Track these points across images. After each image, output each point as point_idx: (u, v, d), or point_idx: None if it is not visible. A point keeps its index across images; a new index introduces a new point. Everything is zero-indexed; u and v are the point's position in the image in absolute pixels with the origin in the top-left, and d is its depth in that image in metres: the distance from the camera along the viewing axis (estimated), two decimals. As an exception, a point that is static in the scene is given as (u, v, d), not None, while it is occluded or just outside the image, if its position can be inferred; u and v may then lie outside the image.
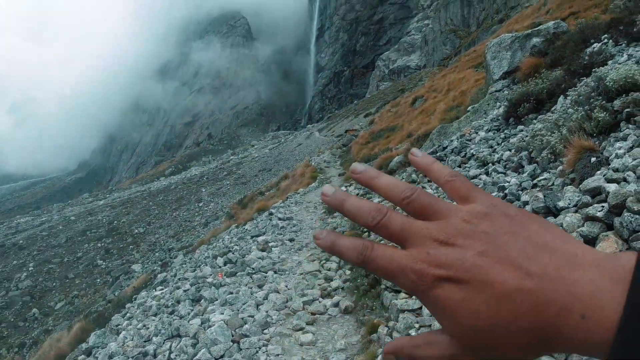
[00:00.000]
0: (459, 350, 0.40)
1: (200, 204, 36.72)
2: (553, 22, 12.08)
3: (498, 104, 10.44)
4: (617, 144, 4.29)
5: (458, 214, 0.41)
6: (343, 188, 14.31)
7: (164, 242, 30.20)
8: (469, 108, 12.80)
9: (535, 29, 12.10)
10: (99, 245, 32.07)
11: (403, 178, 9.76)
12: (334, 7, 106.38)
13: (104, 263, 28.88)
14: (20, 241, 34.44)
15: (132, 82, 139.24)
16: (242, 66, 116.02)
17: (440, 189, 0.48)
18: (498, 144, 7.97)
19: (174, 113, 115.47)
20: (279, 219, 12.79)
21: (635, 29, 7.95)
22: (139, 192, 48.82)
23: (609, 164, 4.01)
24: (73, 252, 31.20)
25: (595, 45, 8.51)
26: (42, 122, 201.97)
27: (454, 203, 0.44)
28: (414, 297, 0.48)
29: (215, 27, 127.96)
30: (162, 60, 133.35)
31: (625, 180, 3.55)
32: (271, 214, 13.89)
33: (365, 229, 8.45)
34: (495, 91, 11.58)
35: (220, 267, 9.25)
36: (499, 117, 9.11)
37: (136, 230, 33.76)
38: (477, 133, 9.21)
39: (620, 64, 6.60)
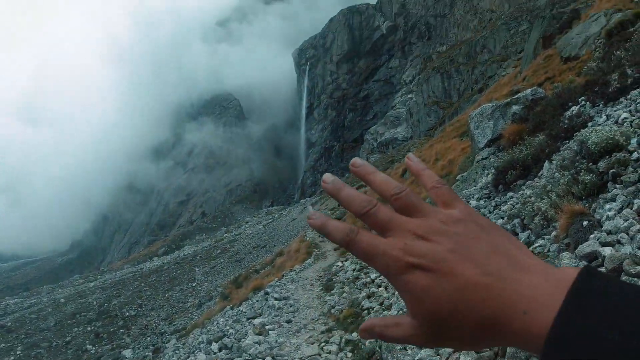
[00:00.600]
0: (420, 332, 0.47)
1: (194, 284, 35.78)
2: (530, 89, 12.69)
3: (486, 171, 10.66)
4: (607, 206, 4.35)
5: (437, 215, 0.49)
6: (339, 263, 14.15)
7: (156, 326, 29.03)
8: (458, 177, 13.04)
9: (514, 97, 12.68)
10: (89, 329, 30.83)
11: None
12: (322, 86, 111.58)
13: (94, 348, 27.59)
14: (9, 323, 33.16)
15: (125, 163, 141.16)
16: (235, 145, 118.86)
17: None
18: (490, 212, 8.03)
19: (167, 192, 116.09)
20: (275, 299, 12.45)
21: (610, 89, 8.32)
22: (131, 273, 47.66)
23: (602, 227, 4.04)
24: (62, 336, 30.00)
25: (573, 108, 8.81)
26: (34, 203, 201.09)
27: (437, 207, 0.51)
28: None
29: (208, 109, 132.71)
30: (155, 141, 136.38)
31: (619, 242, 3.57)
32: (267, 293, 13.55)
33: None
34: (482, 159, 11.88)
35: (215, 353, 8.85)
36: (488, 185, 9.26)
37: (127, 313, 32.57)
38: (468, 202, 9.31)
39: (600, 125, 6.86)
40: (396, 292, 7.67)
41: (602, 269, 3.32)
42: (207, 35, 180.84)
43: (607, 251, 3.42)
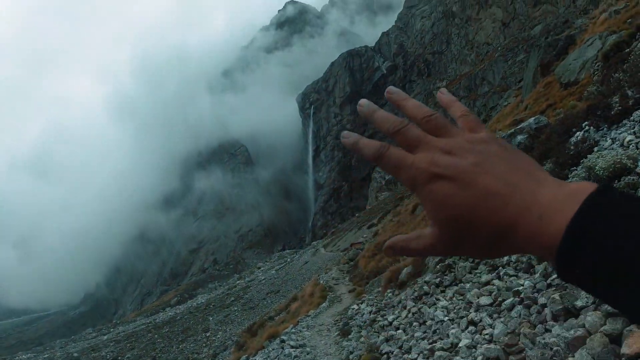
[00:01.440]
0: (440, 240, 0.52)
1: (208, 334, 35.11)
2: (533, 117, 12.72)
3: (497, 204, 10.58)
4: (621, 235, 4.28)
5: (464, 136, 0.54)
6: (355, 306, 13.88)
7: (170, 380, 28.30)
8: (469, 210, 12.95)
9: (518, 127, 12.71)
10: (103, 385, 30.13)
11: (415, 291, 9.51)
12: (326, 128, 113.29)
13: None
14: (22, 380, 32.58)
15: (136, 214, 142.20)
16: (244, 190, 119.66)
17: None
18: (504, 244, 7.91)
19: (179, 241, 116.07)
20: (292, 346, 12.14)
21: (612, 112, 8.33)
22: (144, 325, 47.01)
23: (618, 256, 3.97)
24: (76, 393, 29.31)
25: (578, 133, 8.75)
26: (45, 257, 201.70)
27: None
28: None
29: (216, 157, 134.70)
30: (165, 192, 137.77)
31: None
32: (283, 341, 13.23)
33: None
34: (492, 192, 11.82)
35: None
36: (500, 217, 9.17)
37: (141, 367, 31.91)
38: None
39: (605, 149, 6.83)
40: (415, 335, 7.48)
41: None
42: (212, 86, 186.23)
43: (625, 280, 3.35)
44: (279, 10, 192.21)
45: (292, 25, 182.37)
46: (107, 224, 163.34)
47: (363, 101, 0.63)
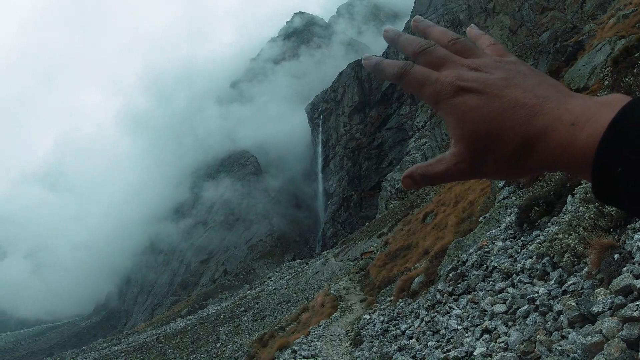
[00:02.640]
0: (463, 159, 0.50)
1: (219, 345, 35.03)
2: (544, 127, 12.66)
3: (508, 210, 10.52)
4: (636, 236, 4.25)
5: (491, 57, 0.54)
6: (367, 316, 13.80)
7: (181, 391, 28.25)
8: (481, 218, 12.87)
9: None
10: (114, 396, 30.15)
11: (427, 299, 9.45)
12: (336, 138, 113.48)
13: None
14: (33, 392, 32.78)
15: (146, 225, 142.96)
16: (254, 200, 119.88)
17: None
18: (518, 253, 7.85)
19: (189, 252, 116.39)
20: (303, 357, 12.09)
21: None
22: (155, 335, 47.06)
23: (633, 258, 3.94)
24: (86, 407, 29.35)
25: None
26: (57, 268, 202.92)
27: None
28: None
29: (226, 167, 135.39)
30: (175, 202, 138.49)
31: (654, 275, 3.47)
32: (294, 351, 13.18)
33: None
34: (503, 199, 11.76)
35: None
36: (513, 225, 9.12)
37: (152, 378, 31.89)
38: (494, 244, 9.14)
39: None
40: (429, 344, 7.42)
41: (639, 303, 3.21)
42: (221, 98, 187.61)
43: (642, 284, 3.32)
44: (287, 22, 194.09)
45: (299, 36, 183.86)
46: (117, 235, 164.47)
47: (388, 27, 0.62)
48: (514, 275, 6.92)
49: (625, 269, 3.83)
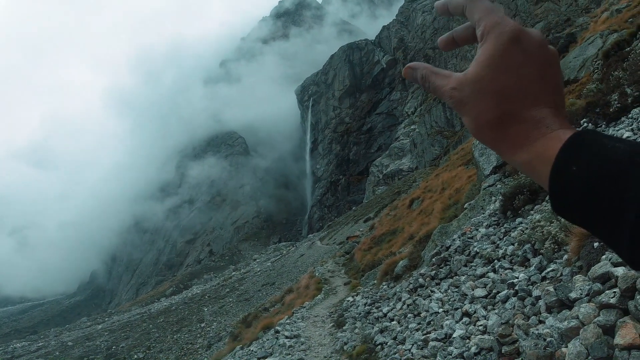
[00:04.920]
0: (463, 88, 0.53)
1: (203, 325, 35.22)
2: (532, 117, 12.71)
3: (493, 198, 10.62)
4: (617, 228, 4.30)
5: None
6: (350, 298, 13.94)
7: (164, 369, 28.47)
8: (466, 205, 12.98)
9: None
10: (97, 373, 30.34)
11: (410, 283, 9.55)
12: (325, 121, 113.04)
13: (101, 394, 26.99)
14: (16, 367, 32.76)
15: (132, 203, 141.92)
16: (241, 181, 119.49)
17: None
18: (500, 239, 7.95)
19: (175, 232, 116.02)
20: (286, 337, 12.19)
21: (611, 109, 8.37)
22: (139, 315, 47.12)
23: (613, 249, 3.99)
24: (69, 381, 29.55)
25: None
26: (42, 246, 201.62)
27: None
28: None
29: (214, 147, 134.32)
30: (161, 181, 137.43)
31: (631, 263, 3.52)
32: (277, 332, 13.29)
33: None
34: (488, 186, 11.85)
35: (225, 393, 8.61)
36: (497, 212, 9.21)
37: (135, 356, 32.06)
38: (477, 230, 9.24)
39: (603, 148, 6.84)
40: (410, 326, 7.52)
41: (616, 290, 3.27)
42: (210, 77, 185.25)
43: (619, 271, 3.37)
44: (279, 1, 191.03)
45: (291, 16, 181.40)
46: (102, 213, 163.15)
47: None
48: (496, 261, 7.01)
49: (604, 257, 3.88)
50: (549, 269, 5.11)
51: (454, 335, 5.60)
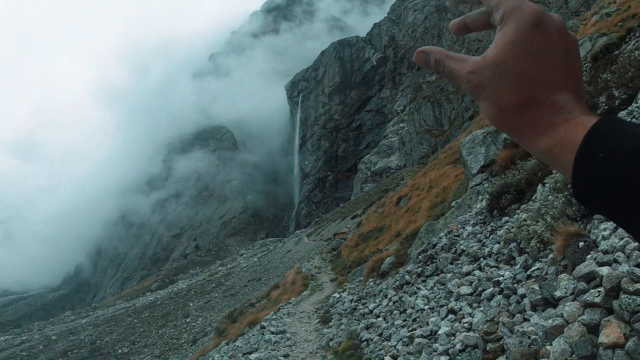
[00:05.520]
0: (481, 72, 0.52)
1: (188, 320, 35.04)
2: (520, 116, 12.83)
3: (480, 197, 10.68)
4: (602, 225, 4.35)
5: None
6: (336, 295, 13.95)
7: (149, 364, 28.29)
8: (453, 203, 13.06)
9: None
10: (81, 367, 30.05)
11: (396, 280, 9.58)
12: (314, 118, 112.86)
13: (84, 390, 26.72)
14: (-2, 361, 32.26)
15: (118, 197, 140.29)
16: (229, 176, 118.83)
17: None
18: (486, 237, 7.99)
19: (161, 226, 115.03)
20: (272, 332, 12.17)
21: (598, 112, 8.46)
22: (124, 309, 46.71)
23: (598, 247, 4.03)
24: (53, 374, 29.22)
25: None
26: (26, 238, 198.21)
27: None
28: None
29: (202, 142, 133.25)
30: (149, 175, 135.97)
31: (616, 261, 3.55)
32: (263, 327, 13.26)
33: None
34: (476, 185, 11.92)
35: (209, 388, 8.55)
36: (483, 211, 9.26)
37: (120, 350, 31.80)
38: (464, 228, 9.29)
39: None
40: (395, 323, 7.54)
41: (601, 289, 3.29)
42: (199, 71, 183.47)
43: (604, 271, 3.40)
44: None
45: (282, 11, 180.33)
46: (88, 206, 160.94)
47: None
48: (482, 259, 7.06)
49: (589, 256, 3.91)
50: (534, 268, 5.15)
51: (439, 332, 5.62)
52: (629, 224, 0.42)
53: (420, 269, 8.85)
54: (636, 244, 3.58)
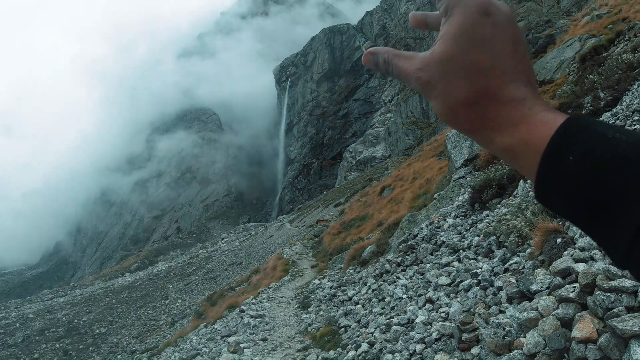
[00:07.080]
0: (429, 68, 0.47)
1: (167, 302, 34.92)
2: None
3: (462, 190, 10.80)
4: (580, 225, 4.43)
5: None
6: (316, 281, 14.02)
7: (127, 344, 28.20)
8: (435, 195, 13.18)
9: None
10: (57, 346, 29.85)
11: (376, 269, 9.66)
12: (302, 104, 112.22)
13: (62, 367, 26.57)
14: (-25, 338, 31.77)
15: (98, 175, 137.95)
16: (213, 158, 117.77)
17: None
18: (466, 230, 8.10)
19: (142, 206, 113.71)
20: (251, 316, 12.22)
21: (583, 112, 8.59)
22: (102, 289, 46.30)
23: (575, 243, 4.11)
24: (29, 353, 29.11)
25: None
26: (5, 215, 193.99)
27: None
28: None
29: (186, 123, 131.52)
30: (130, 154, 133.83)
31: (592, 258, 3.63)
32: (242, 311, 13.30)
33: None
34: (459, 178, 12.05)
35: (186, 370, 8.58)
36: (465, 204, 9.37)
37: (97, 331, 31.58)
38: (445, 220, 9.39)
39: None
40: (374, 310, 7.63)
41: (576, 285, 3.37)
42: (185, 51, 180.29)
43: (580, 267, 3.47)
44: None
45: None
46: (68, 183, 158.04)
47: None
48: (461, 251, 7.16)
49: (566, 252, 3.99)
50: (512, 262, 5.24)
51: (416, 321, 5.71)
52: (595, 232, 0.39)
53: (400, 258, 8.94)
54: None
